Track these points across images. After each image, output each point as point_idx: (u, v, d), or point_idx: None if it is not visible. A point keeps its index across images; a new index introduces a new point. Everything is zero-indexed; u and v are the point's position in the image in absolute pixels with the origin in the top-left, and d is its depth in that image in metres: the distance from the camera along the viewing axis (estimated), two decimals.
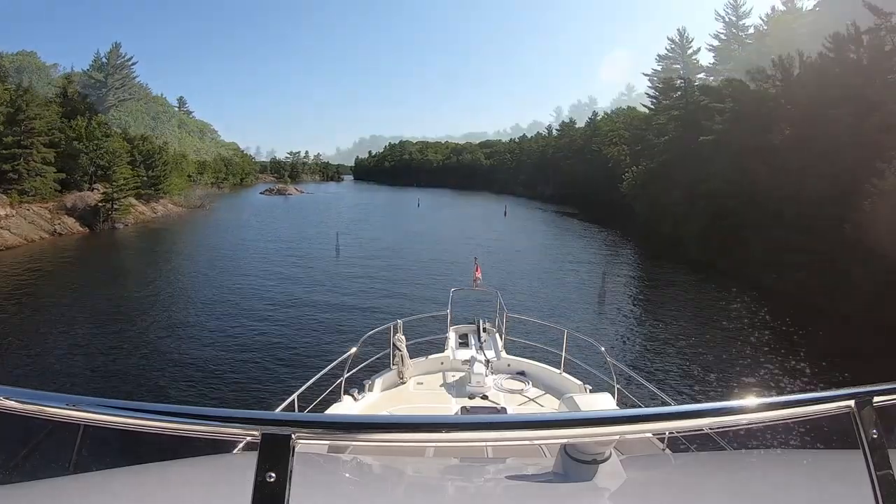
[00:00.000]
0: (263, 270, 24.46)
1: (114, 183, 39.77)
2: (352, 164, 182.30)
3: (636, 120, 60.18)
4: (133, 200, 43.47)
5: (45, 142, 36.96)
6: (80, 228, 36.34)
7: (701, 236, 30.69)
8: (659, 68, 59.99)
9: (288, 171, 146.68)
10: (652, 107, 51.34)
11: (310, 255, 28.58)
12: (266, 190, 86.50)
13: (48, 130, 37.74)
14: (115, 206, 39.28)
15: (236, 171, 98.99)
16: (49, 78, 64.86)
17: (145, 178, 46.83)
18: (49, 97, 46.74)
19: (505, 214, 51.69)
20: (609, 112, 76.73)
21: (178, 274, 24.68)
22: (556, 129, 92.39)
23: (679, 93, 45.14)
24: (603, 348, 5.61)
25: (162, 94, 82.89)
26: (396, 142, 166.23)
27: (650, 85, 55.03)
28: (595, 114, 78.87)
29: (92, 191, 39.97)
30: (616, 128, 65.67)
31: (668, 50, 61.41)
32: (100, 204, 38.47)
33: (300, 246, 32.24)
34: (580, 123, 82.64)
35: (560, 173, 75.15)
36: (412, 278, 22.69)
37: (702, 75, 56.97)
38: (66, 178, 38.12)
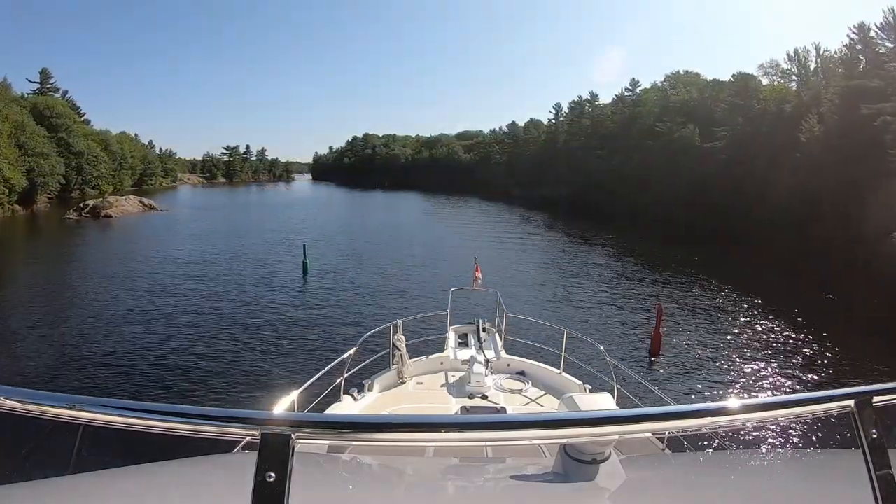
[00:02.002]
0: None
1: None
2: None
3: (709, 88, 48.80)
4: None
5: None
6: None
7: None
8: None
9: (223, 170, 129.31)
10: None
11: None
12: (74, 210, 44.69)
13: None
14: None
15: (102, 169, 65.02)
16: None
17: None
18: None
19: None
20: (659, 83, 61.49)
21: None
22: (570, 107, 74.73)
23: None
24: (602, 348, 5.62)
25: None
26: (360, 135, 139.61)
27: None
28: (635, 81, 64.54)
29: None
30: (672, 100, 52.48)
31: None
32: None
33: None
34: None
35: (578, 170, 60.46)
36: None
37: None
38: None
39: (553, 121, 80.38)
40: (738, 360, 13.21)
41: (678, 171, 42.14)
